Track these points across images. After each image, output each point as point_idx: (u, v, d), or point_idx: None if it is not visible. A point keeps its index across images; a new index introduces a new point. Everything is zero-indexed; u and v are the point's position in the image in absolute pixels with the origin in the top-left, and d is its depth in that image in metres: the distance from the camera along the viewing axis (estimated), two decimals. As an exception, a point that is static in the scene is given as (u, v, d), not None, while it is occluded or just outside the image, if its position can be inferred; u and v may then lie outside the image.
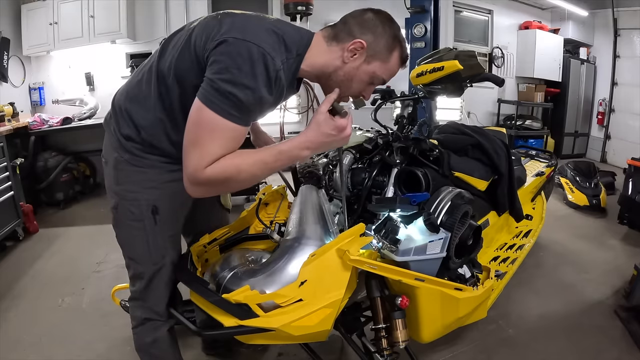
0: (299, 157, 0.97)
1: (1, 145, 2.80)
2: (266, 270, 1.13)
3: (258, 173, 0.93)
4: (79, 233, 3.06)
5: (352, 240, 1.08)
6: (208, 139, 0.87)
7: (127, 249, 1.19)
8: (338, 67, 1.02)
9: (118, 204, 1.13)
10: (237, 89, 0.85)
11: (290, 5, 4.35)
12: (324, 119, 0.97)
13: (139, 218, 1.12)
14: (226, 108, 0.85)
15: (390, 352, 1.15)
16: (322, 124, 0.96)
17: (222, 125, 0.86)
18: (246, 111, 0.88)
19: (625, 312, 1.99)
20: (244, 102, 0.86)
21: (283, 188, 1.60)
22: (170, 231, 1.19)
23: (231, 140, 0.90)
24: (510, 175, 1.74)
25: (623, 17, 5.40)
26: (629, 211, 3.00)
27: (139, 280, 1.20)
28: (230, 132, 0.88)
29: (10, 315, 2.01)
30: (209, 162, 0.87)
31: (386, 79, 1.08)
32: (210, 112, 0.85)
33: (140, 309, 1.23)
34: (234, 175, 0.90)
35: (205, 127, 0.87)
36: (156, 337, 1.25)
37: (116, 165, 1.10)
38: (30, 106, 4.02)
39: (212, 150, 0.87)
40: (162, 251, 1.18)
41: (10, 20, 3.72)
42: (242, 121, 0.89)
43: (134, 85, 1.09)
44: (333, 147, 1.04)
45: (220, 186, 0.93)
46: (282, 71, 0.91)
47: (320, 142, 0.97)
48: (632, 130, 5.29)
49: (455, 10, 5.53)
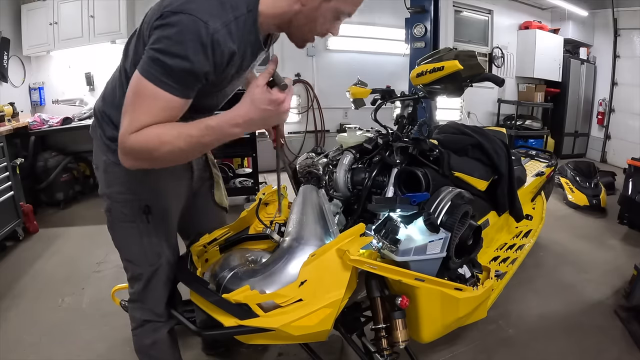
0: (229, 134, 0.89)
1: (1, 145, 2.80)
2: (266, 270, 1.13)
3: (184, 147, 0.87)
4: (79, 233, 3.06)
5: (352, 240, 1.08)
6: (138, 106, 0.86)
7: (123, 251, 1.19)
8: (297, 12, 0.94)
9: (110, 206, 1.14)
10: (167, 57, 0.83)
11: (290, 5, 4.35)
12: (259, 92, 0.88)
13: (131, 219, 1.13)
14: (158, 75, 0.84)
15: (390, 352, 1.15)
16: (256, 98, 0.88)
17: (154, 93, 0.85)
18: (179, 80, 0.85)
19: (625, 312, 1.99)
20: (174, 69, 0.83)
21: (283, 188, 1.60)
22: (164, 230, 1.19)
23: (162, 110, 0.87)
24: (510, 175, 1.74)
25: (623, 17, 5.40)
26: (629, 211, 3.00)
27: (137, 281, 1.20)
28: (163, 102, 0.86)
29: (10, 315, 2.01)
30: (135, 129, 0.85)
31: (351, 11, 0.98)
32: (144, 79, 0.84)
33: (139, 310, 1.23)
34: (157, 146, 0.86)
35: (137, 94, 0.86)
36: (156, 339, 1.25)
37: (106, 168, 1.11)
38: (30, 106, 4.02)
39: (140, 117, 0.85)
40: (158, 251, 1.18)
41: (10, 20, 3.72)
42: (177, 91, 0.86)
43: (109, 91, 1.09)
44: (270, 123, 0.95)
45: (146, 157, 0.88)
46: (219, 34, 0.85)
47: (253, 118, 0.89)
48: (632, 130, 5.29)
49: (455, 10, 5.53)
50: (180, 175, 1.23)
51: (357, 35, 5.03)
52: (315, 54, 4.89)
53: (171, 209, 1.21)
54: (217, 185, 1.43)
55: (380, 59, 5.15)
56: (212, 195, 1.43)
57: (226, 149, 3.20)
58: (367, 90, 1.67)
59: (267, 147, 4.20)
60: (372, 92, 1.68)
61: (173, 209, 1.23)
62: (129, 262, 1.20)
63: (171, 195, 1.20)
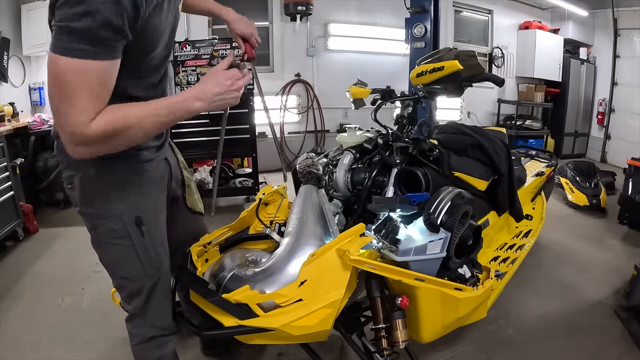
0: (192, 108, 0.89)
1: (1, 145, 2.80)
2: (266, 270, 1.13)
3: (149, 127, 0.85)
4: (79, 233, 3.06)
5: (352, 240, 1.08)
6: (74, 89, 0.76)
7: (117, 269, 1.10)
8: None
9: (97, 224, 1.03)
10: (74, 22, 0.73)
11: (290, 5, 4.36)
12: (219, 69, 0.94)
13: (123, 234, 1.03)
14: (73, 45, 0.74)
15: (390, 352, 1.16)
16: (215, 74, 0.93)
17: (80, 67, 0.75)
18: (97, 40, 0.75)
19: (625, 312, 1.99)
20: (87, 30, 0.74)
21: (283, 188, 1.60)
22: (160, 239, 1.13)
23: (99, 84, 0.79)
24: (510, 175, 1.74)
25: (623, 17, 5.40)
26: (629, 211, 3.00)
27: (135, 297, 1.12)
28: (95, 73, 0.77)
29: (10, 315, 2.01)
30: (91, 117, 0.77)
31: None
32: (62, 58, 0.75)
33: (141, 326, 1.16)
34: (123, 129, 0.81)
35: (63, 77, 0.76)
36: (161, 355, 1.20)
37: (83, 185, 1.00)
38: (30, 106, 4.02)
39: (86, 102, 0.77)
40: (156, 262, 1.11)
41: (10, 20, 3.72)
42: (101, 55, 0.77)
43: None
44: (227, 102, 0.95)
45: (109, 142, 0.81)
46: None
47: (213, 93, 0.90)
48: (632, 130, 5.29)
49: (455, 10, 5.53)
50: (161, 175, 1.15)
51: (357, 35, 5.04)
52: (315, 54, 4.89)
53: (160, 214, 1.14)
54: (189, 189, 1.33)
55: (380, 59, 5.16)
56: (184, 200, 1.32)
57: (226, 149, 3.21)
58: (367, 90, 1.67)
59: (267, 147, 4.21)
60: (372, 92, 1.68)
61: (162, 214, 1.15)
62: (125, 280, 1.10)
63: (157, 199, 1.13)
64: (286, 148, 4.99)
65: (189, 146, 3.19)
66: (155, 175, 1.11)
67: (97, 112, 0.79)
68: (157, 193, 1.13)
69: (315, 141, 5.11)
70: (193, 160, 3.52)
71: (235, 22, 1.26)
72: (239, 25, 1.26)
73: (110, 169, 0.99)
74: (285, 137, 4.97)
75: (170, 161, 1.21)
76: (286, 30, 4.71)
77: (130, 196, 1.03)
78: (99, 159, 0.91)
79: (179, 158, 1.31)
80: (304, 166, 1.64)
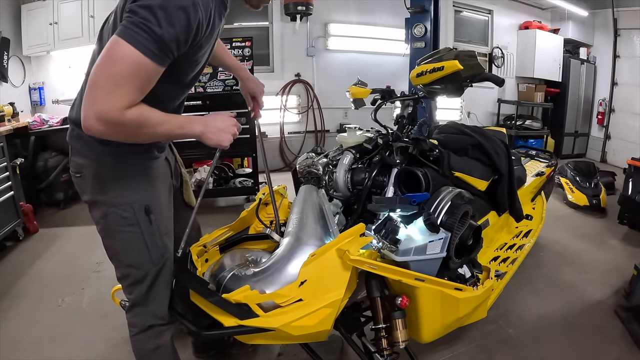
0: (194, 131, 1.00)
1: (1, 145, 2.80)
2: (266, 270, 1.13)
3: (160, 133, 0.95)
4: (79, 233, 3.06)
5: (352, 240, 1.08)
6: (129, 75, 0.84)
7: (124, 257, 1.14)
8: None
9: (107, 212, 1.08)
10: (153, 24, 0.82)
11: (290, 5, 4.35)
12: (227, 113, 1.09)
13: (133, 222, 1.09)
14: (144, 42, 0.82)
15: (390, 352, 1.16)
16: (223, 114, 1.08)
17: (140, 62, 0.84)
18: (163, 47, 0.85)
19: (625, 312, 1.99)
20: (160, 36, 0.83)
21: (283, 188, 1.60)
22: (166, 228, 1.18)
23: (147, 81, 0.88)
24: (510, 175, 1.74)
25: (623, 17, 5.40)
26: (629, 211, 3.00)
27: (138, 285, 1.16)
28: (148, 71, 0.86)
29: (10, 315, 2.01)
30: (128, 104, 0.85)
31: None
32: (128, 46, 0.82)
33: (141, 315, 1.19)
34: (143, 126, 0.90)
35: (125, 62, 0.83)
36: (159, 344, 1.22)
37: (99, 173, 1.06)
38: (30, 106, 4.02)
39: (130, 92, 0.85)
40: (162, 250, 1.16)
41: (10, 20, 3.72)
42: (159, 60, 0.87)
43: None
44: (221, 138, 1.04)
45: (126, 131, 0.89)
46: (200, 4, 0.88)
47: (214, 125, 1.03)
48: (632, 130, 5.29)
49: (455, 10, 5.53)
50: (165, 171, 1.24)
51: (357, 35, 5.04)
52: (315, 54, 4.89)
53: (165, 205, 1.20)
54: (186, 184, 1.42)
55: (380, 59, 5.16)
56: (182, 194, 1.40)
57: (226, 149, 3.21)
58: (367, 90, 1.67)
59: (267, 147, 4.20)
60: (372, 92, 1.68)
61: (166, 205, 1.21)
62: (131, 267, 1.14)
63: (163, 191, 1.19)
64: (286, 148, 4.99)
65: (189, 146, 3.19)
66: (161, 171, 1.20)
67: (132, 102, 0.86)
68: (163, 186, 1.21)
69: (315, 141, 5.11)
70: (193, 160, 3.53)
71: (247, 81, 1.46)
72: (250, 84, 1.46)
73: (127, 160, 1.08)
74: (285, 137, 4.97)
75: (170, 160, 1.30)
76: (286, 30, 4.71)
77: (142, 186, 1.11)
78: (118, 150, 1.02)
79: (177, 157, 1.40)
80: (304, 166, 1.64)
